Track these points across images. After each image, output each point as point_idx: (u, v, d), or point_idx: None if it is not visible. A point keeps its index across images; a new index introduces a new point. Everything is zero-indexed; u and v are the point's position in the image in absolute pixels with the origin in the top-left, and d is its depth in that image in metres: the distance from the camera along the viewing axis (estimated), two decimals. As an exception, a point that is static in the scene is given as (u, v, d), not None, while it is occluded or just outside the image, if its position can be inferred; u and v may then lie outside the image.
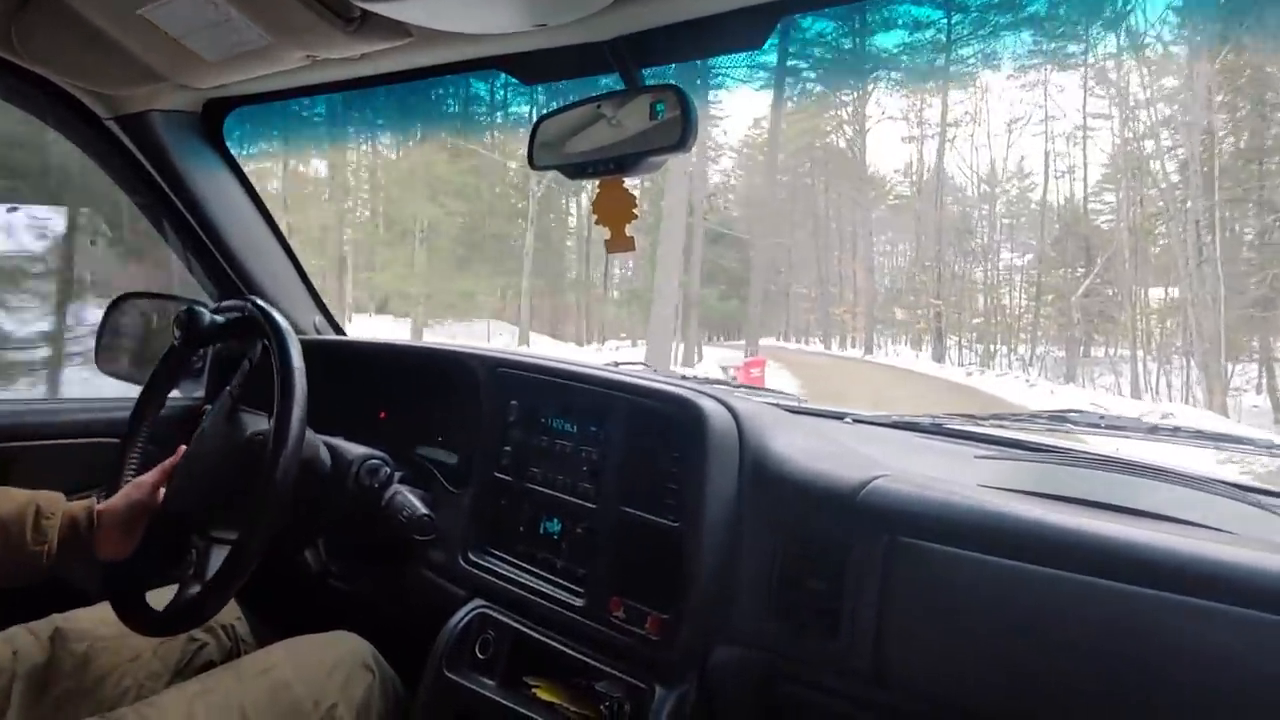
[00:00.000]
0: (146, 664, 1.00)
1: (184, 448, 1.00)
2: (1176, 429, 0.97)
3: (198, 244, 1.49)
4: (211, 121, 1.40)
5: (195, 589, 0.88)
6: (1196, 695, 0.61)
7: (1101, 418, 1.01)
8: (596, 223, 0.97)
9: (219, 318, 1.00)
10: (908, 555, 0.76)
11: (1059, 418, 1.03)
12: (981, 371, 17.49)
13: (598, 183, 0.97)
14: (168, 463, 0.99)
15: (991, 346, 21.06)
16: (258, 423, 0.97)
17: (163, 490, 0.96)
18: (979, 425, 1.11)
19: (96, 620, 0.99)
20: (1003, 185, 22.17)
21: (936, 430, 1.11)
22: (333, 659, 0.99)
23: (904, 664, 0.74)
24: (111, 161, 1.42)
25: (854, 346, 24.79)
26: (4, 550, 0.84)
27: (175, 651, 1.03)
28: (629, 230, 0.96)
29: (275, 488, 0.84)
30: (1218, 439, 0.99)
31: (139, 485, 0.95)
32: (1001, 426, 1.09)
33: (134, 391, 1.10)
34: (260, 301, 0.98)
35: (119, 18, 1.02)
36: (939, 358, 20.62)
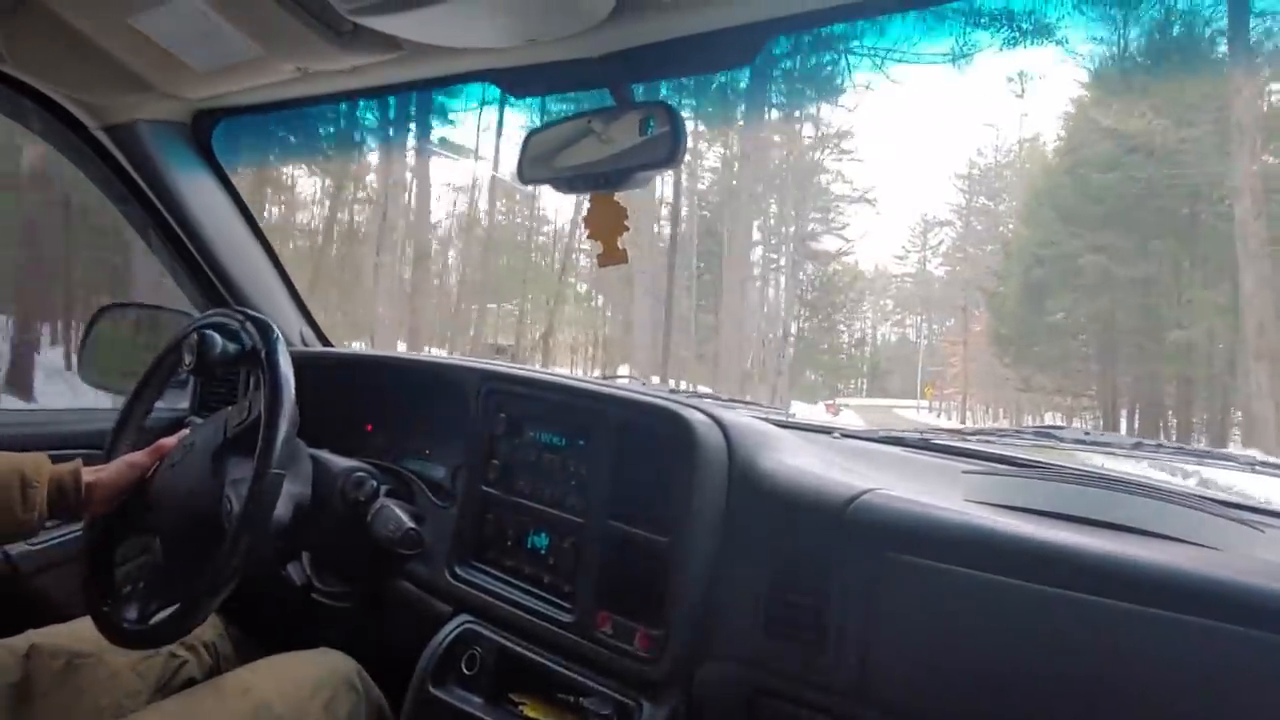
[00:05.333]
0: (125, 682, 0.98)
1: (184, 430, 1.02)
2: (1159, 445, 0.98)
3: (185, 255, 1.49)
4: (201, 132, 1.40)
5: (176, 603, 0.86)
6: (1183, 710, 0.61)
7: (1086, 433, 1.02)
8: (589, 237, 0.97)
9: (231, 347, 0.96)
10: (895, 570, 0.76)
11: (1045, 433, 1.04)
12: None
13: (589, 196, 0.97)
14: (162, 441, 1.00)
15: None
16: (242, 469, 0.91)
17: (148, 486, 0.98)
18: (966, 441, 1.11)
19: (74, 636, 0.97)
20: None
21: (924, 446, 1.12)
22: (316, 677, 0.97)
23: (890, 679, 0.74)
24: (99, 171, 1.41)
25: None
26: None
27: (155, 669, 1.01)
28: (620, 243, 0.96)
29: (255, 517, 0.84)
30: (1200, 455, 1.00)
31: (132, 465, 0.97)
32: (988, 442, 1.10)
33: (116, 401, 1.09)
34: (273, 336, 0.94)
35: (108, 26, 1.02)
36: None
